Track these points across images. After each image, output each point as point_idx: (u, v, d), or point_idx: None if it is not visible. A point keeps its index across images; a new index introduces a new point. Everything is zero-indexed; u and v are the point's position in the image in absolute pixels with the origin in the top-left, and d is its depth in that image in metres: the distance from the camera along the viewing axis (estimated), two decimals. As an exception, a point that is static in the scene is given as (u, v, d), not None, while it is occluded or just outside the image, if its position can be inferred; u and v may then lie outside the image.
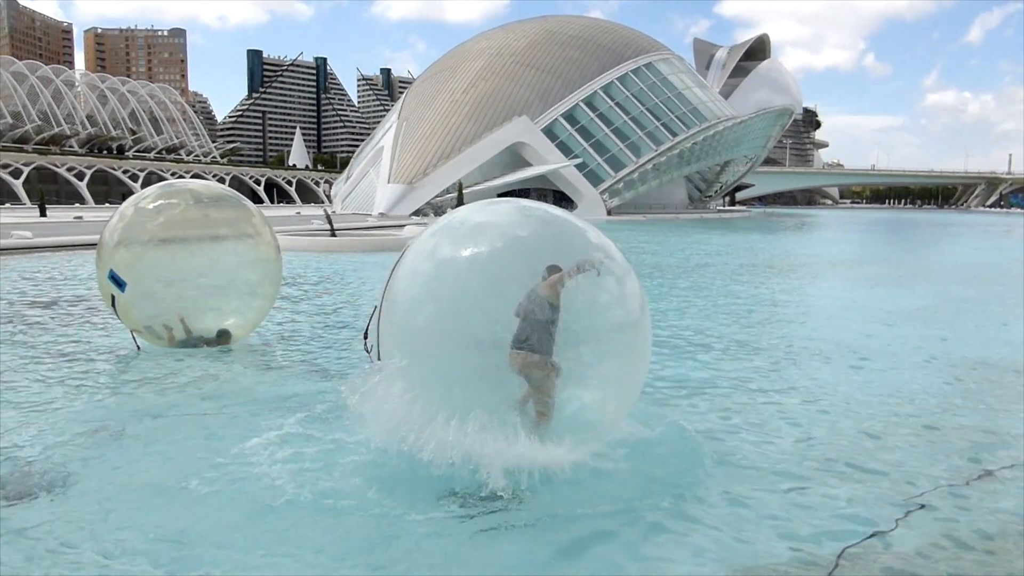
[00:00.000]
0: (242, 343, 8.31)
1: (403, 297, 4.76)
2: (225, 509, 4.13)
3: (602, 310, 4.68)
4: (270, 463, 4.65)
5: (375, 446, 4.63)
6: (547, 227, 4.89)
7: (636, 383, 5.07)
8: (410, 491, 4.22)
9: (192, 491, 4.34)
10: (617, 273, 4.75)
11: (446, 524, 3.94)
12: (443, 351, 4.50)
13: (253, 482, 4.38)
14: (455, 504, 4.13)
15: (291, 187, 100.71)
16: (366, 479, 4.36)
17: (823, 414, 6.23)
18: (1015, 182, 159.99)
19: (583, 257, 4.45)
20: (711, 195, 78.47)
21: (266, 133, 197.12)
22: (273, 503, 4.09)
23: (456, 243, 4.69)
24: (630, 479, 4.44)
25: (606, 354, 4.67)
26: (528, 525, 3.96)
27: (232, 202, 8.08)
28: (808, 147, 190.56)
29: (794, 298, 14.52)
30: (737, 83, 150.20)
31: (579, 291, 4.47)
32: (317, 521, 3.96)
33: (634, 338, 4.84)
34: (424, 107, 59.49)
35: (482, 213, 4.97)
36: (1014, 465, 5.03)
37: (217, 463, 4.74)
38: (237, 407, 6.08)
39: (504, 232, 4.69)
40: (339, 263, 19.14)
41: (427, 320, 4.56)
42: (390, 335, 4.79)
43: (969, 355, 8.63)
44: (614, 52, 61.67)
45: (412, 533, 3.85)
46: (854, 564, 3.68)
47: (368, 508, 4.07)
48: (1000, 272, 20.95)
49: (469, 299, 4.49)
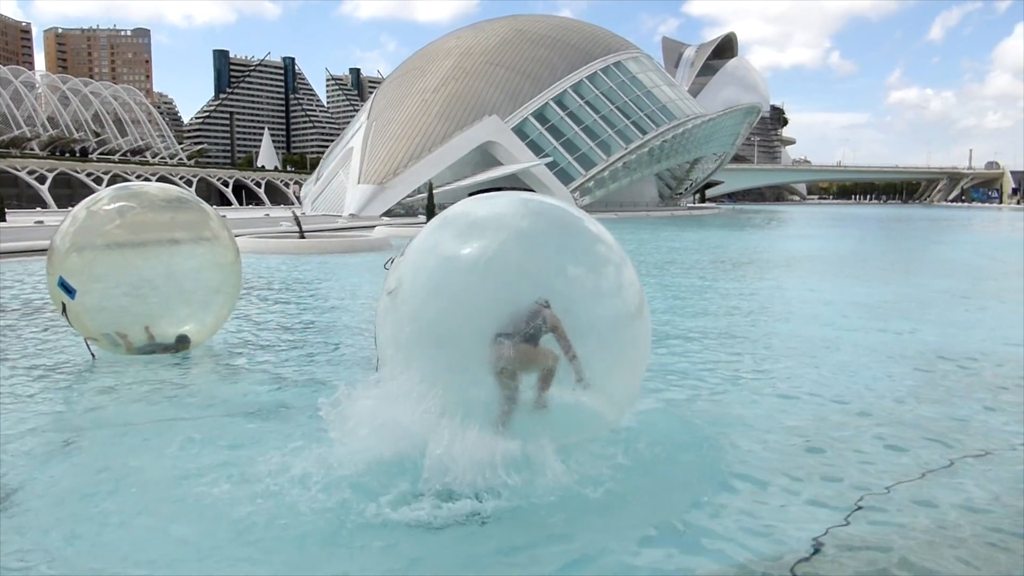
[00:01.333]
0: (203, 349, 8.15)
1: (407, 293, 4.69)
2: (182, 521, 4.01)
3: (602, 301, 4.64)
4: (231, 472, 4.53)
5: (347, 450, 4.52)
6: (548, 217, 4.89)
7: (638, 374, 5.03)
8: (383, 498, 4.09)
9: (146, 504, 4.20)
10: (615, 262, 4.72)
11: (420, 531, 3.85)
12: (450, 346, 4.45)
13: (213, 492, 4.24)
14: (432, 510, 4.00)
15: (260, 188, 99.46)
16: (336, 486, 4.22)
17: (786, 405, 6.26)
18: (976, 177, 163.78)
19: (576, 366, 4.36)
20: (681, 192, 79.07)
21: (234, 134, 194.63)
22: (234, 513, 3.97)
23: (460, 237, 4.64)
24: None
25: (606, 346, 4.60)
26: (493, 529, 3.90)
27: (189, 205, 7.90)
28: (776, 144, 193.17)
29: (760, 292, 14.63)
30: (705, 81, 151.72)
31: (578, 282, 4.52)
32: (280, 531, 3.84)
33: (634, 329, 4.79)
34: (394, 107, 59.10)
35: (484, 206, 4.97)
36: (977, 455, 5.08)
37: (174, 473, 4.61)
38: (198, 414, 5.94)
39: (507, 224, 4.65)
40: (308, 265, 18.92)
41: (434, 315, 4.49)
42: (394, 331, 4.73)
43: (931, 347, 8.75)
44: (583, 51, 61.82)
45: (383, 541, 3.76)
46: (822, 557, 3.68)
47: (337, 516, 3.94)
48: (959, 266, 21.37)
49: (475, 292, 4.43)
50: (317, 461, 4.42)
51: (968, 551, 3.76)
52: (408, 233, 32.26)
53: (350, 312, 11.98)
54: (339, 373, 7.42)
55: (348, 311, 12.11)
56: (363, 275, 17.68)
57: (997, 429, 5.68)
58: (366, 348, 8.58)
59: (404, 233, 32.37)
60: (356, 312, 11.92)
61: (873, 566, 3.61)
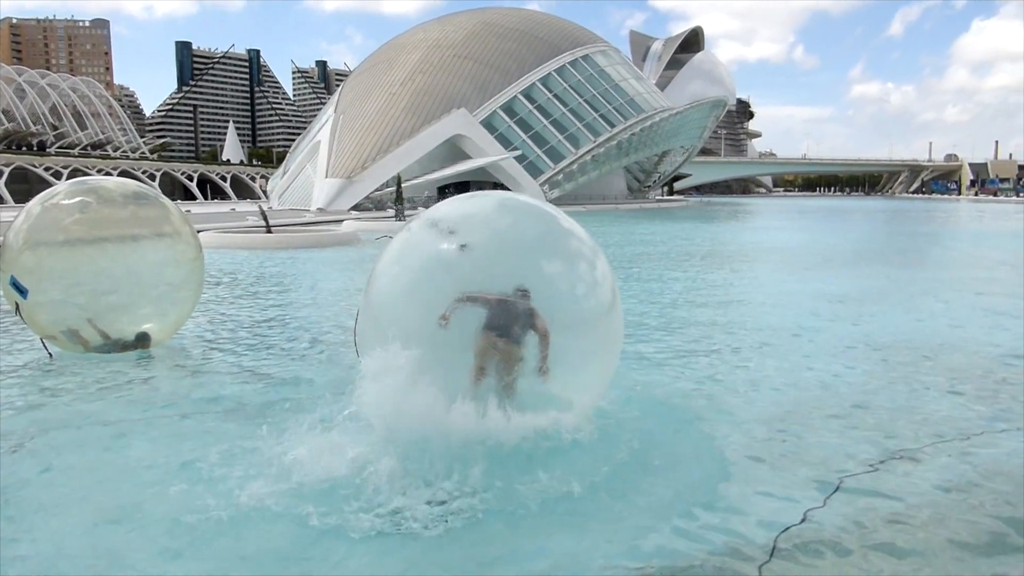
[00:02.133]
0: (166, 346, 7.99)
1: (386, 294, 4.76)
2: (144, 525, 3.92)
3: (576, 296, 4.75)
4: (194, 473, 4.44)
5: (311, 451, 4.46)
6: (526, 216, 4.99)
7: (611, 364, 5.18)
8: (350, 501, 4.02)
9: (106, 506, 4.11)
10: (588, 257, 4.84)
11: (392, 536, 3.81)
12: (429, 345, 4.45)
13: (176, 494, 4.16)
14: (405, 512, 3.94)
15: (225, 183, 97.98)
16: (303, 488, 4.15)
17: (750, 395, 6.33)
18: (935, 169, 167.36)
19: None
20: (650, 185, 79.58)
21: (198, 128, 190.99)
22: (197, 516, 3.89)
23: (439, 237, 4.71)
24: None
25: (582, 339, 4.71)
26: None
27: (148, 200, 7.70)
28: (742, 137, 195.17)
29: (727, 283, 14.78)
30: (673, 75, 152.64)
31: (554, 277, 4.64)
32: (246, 534, 3.77)
33: (608, 322, 4.92)
34: (361, 100, 58.52)
35: (463, 206, 5.06)
36: (934, 443, 5.19)
37: (136, 475, 4.51)
38: (161, 414, 5.82)
39: (487, 224, 4.77)
40: (275, 260, 18.67)
41: (415, 315, 4.55)
42: (374, 332, 4.75)
43: (893, 337, 8.91)
44: (551, 44, 61.78)
45: (355, 545, 3.71)
46: (790, 546, 3.72)
47: (308, 519, 3.86)
48: (920, 256, 21.84)
49: (455, 293, 4.45)
50: (282, 462, 4.36)
51: (936, 535, 3.84)
52: (377, 227, 32.11)
53: (317, 308, 11.85)
54: (306, 370, 7.34)
55: (315, 307, 11.97)
56: (331, 270, 17.50)
57: (962, 417, 5.80)
58: (334, 344, 8.50)
59: (373, 227, 32.13)
60: (324, 308, 11.80)
61: (842, 554, 3.67)
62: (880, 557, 3.62)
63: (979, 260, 20.68)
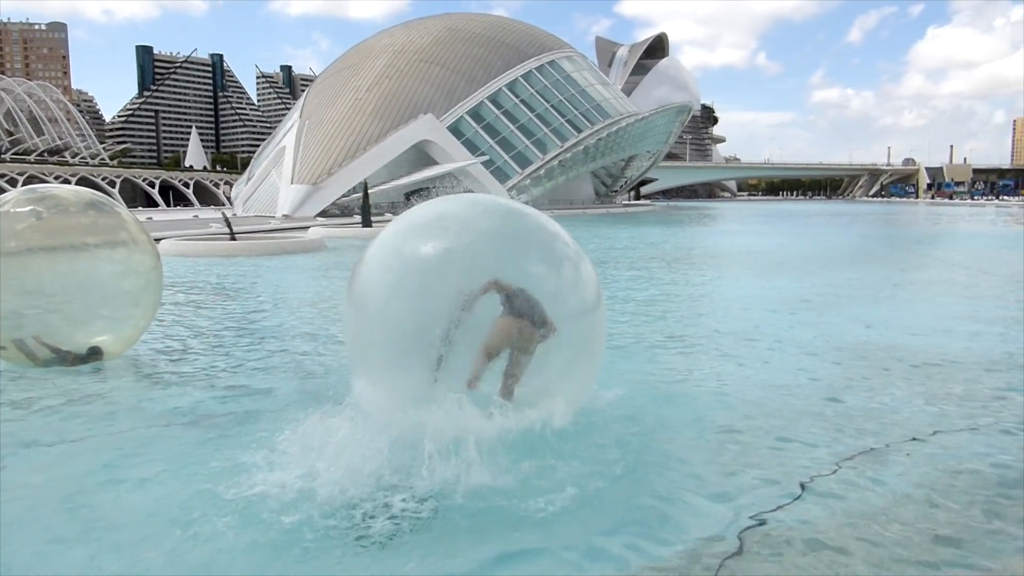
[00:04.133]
0: (124, 358, 7.77)
1: (371, 293, 4.86)
2: (92, 539, 3.79)
3: (562, 297, 4.86)
4: (150, 488, 4.33)
5: (277, 464, 4.37)
6: (506, 217, 5.10)
7: (597, 360, 5.34)
8: (316, 514, 3.95)
9: (53, 524, 3.96)
10: (573, 259, 4.97)
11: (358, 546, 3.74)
12: (414, 343, 4.57)
13: (130, 507, 4.04)
14: (374, 524, 3.90)
15: (188, 189, 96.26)
16: (266, 499, 4.07)
17: (717, 397, 6.36)
18: (894, 173, 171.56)
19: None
20: (617, 190, 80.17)
21: (159, 133, 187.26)
22: (154, 531, 3.78)
23: (422, 237, 4.82)
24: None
25: (566, 339, 4.80)
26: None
27: (103, 208, 7.48)
28: (707, 142, 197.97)
29: (691, 288, 14.91)
30: (638, 80, 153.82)
31: (541, 279, 4.76)
32: (205, 549, 3.67)
33: (592, 322, 5.07)
34: (327, 106, 58.04)
35: (442, 207, 5.14)
36: (897, 442, 5.26)
37: (87, 491, 4.36)
38: (119, 428, 5.65)
39: (467, 225, 4.84)
40: (239, 268, 18.37)
41: (398, 313, 4.65)
42: (360, 331, 4.89)
43: (853, 339, 9.05)
44: (518, 50, 61.95)
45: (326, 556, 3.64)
46: (755, 544, 3.73)
47: (271, 532, 3.78)
48: (880, 259, 22.28)
49: (439, 292, 4.58)
50: (246, 474, 4.27)
51: (896, 533, 3.88)
52: (344, 234, 31.82)
53: (282, 316, 11.65)
54: (270, 380, 7.20)
55: (280, 315, 11.77)
56: (297, 277, 17.27)
57: (922, 416, 5.89)
58: (299, 354, 8.36)
59: (340, 234, 31.86)
60: (288, 316, 11.61)
61: (809, 549, 3.68)
62: (839, 556, 3.65)
63: (937, 262, 21.16)
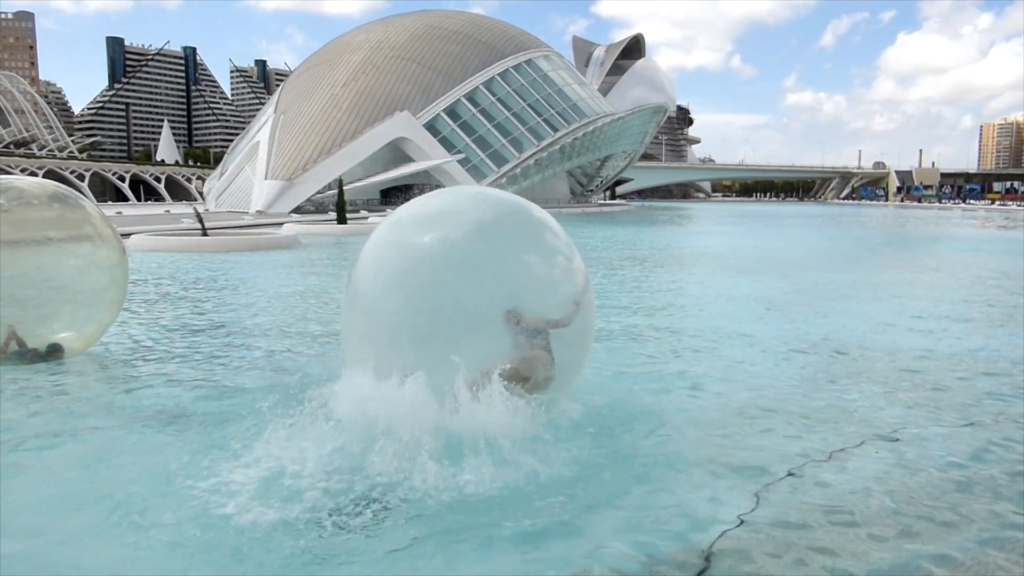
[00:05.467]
0: (88, 355, 7.61)
1: (369, 287, 4.92)
2: (51, 535, 3.70)
3: (553, 285, 5.00)
4: (117, 484, 4.25)
5: (251, 458, 4.30)
6: (503, 209, 5.16)
7: (588, 343, 5.56)
8: (290, 509, 3.91)
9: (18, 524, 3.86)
10: (564, 252, 5.11)
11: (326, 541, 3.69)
12: (413, 337, 4.66)
13: (96, 500, 3.95)
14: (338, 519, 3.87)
15: (160, 184, 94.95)
16: (240, 496, 4.02)
17: (691, 397, 6.39)
18: (865, 176, 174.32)
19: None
20: (592, 189, 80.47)
21: (130, 126, 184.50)
22: (113, 530, 3.69)
23: (421, 231, 4.91)
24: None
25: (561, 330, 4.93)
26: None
27: (67, 201, 7.31)
28: (682, 143, 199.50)
29: (667, 287, 15.00)
30: (615, 81, 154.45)
31: (533, 269, 4.93)
32: (175, 549, 3.61)
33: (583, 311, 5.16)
34: (302, 101, 57.51)
35: (440, 201, 5.25)
36: (864, 442, 5.33)
37: (54, 488, 4.26)
38: (85, 425, 5.53)
39: (466, 218, 4.93)
40: (210, 264, 18.12)
41: (396, 307, 4.72)
42: (357, 325, 4.98)
43: (827, 339, 9.15)
44: (495, 48, 61.88)
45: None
46: (730, 544, 3.74)
47: (248, 529, 3.72)
48: (850, 261, 22.60)
49: (439, 284, 4.67)
50: (219, 473, 4.21)
51: (868, 532, 3.92)
52: (319, 231, 31.53)
53: (254, 313, 11.50)
54: (240, 378, 7.09)
55: (252, 312, 11.62)
56: (269, 274, 17.08)
57: (887, 416, 5.97)
58: (270, 351, 8.26)
59: (314, 231, 31.55)
60: (260, 313, 11.47)
61: (784, 548, 3.71)
62: (813, 553, 3.68)
63: (905, 264, 21.52)
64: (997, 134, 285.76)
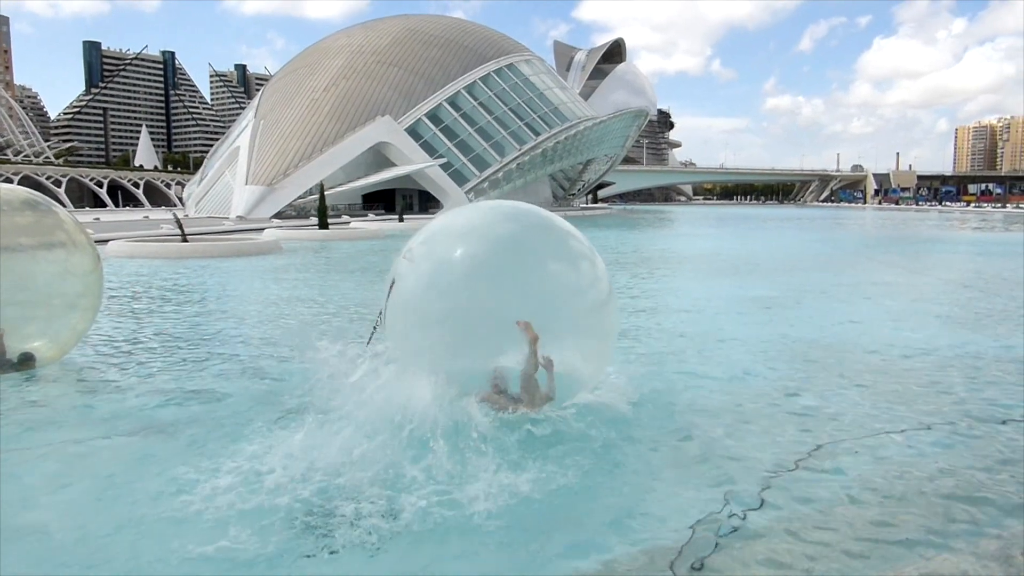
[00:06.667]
0: (64, 363, 7.45)
1: (411, 294, 5.31)
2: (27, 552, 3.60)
3: (579, 292, 5.46)
4: (92, 498, 4.15)
5: (231, 467, 4.24)
6: (525, 221, 5.58)
7: (611, 345, 6.01)
8: (267, 524, 3.85)
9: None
10: (589, 257, 5.52)
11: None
12: (451, 338, 5.18)
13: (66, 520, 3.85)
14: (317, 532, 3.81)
15: (138, 189, 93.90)
16: (218, 509, 3.97)
17: (669, 396, 6.38)
18: (843, 179, 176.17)
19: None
20: (574, 193, 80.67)
21: (108, 131, 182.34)
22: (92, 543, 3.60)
23: (453, 244, 5.35)
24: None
25: (588, 329, 5.50)
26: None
27: (39, 207, 7.16)
28: (663, 147, 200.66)
29: (653, 289, 15.01)
30: (596, 85, 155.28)
31: (559, 275, 5.38)
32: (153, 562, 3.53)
33: (605, 314, 5.64)
34: (283, 105, 57.19)
35: (466, 217, 5.74)
36: (846, 440, 5.34)
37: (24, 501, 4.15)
38: (61, 437, 5.41)
39: (489, 232, 5.40)
40: (190, 270, 17.90)
41: (438, 312, 5.16)
42: (401, 328, 5.42)
43: (808, 340, 9.19)
44: (477, 52, 61.92)
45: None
46: (704, 547, 3.73)
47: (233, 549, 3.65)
48: (828, 262, 22.79)
49: (472, 291, 5.12)
50: (203, 485, 4.14)
51: (844, 532, 3.91)
52: (301, 236, 31.29)
53: (234, 320, 11.36)
54: (221, 386, 6.98)
55: (232, 319, 11.48)
56: (251, 280, 16.90)
57: (867, 416, 5.99)
58: (252, 358, 8.15)
59: (296, 236, 31.32)
60: (241, 319, 11.33)
61: (764, 551, 3.69)
62: (797, 553, 3.67)
63: (881, 266, 21.72)
64: (972, 137, 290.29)
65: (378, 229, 36.86)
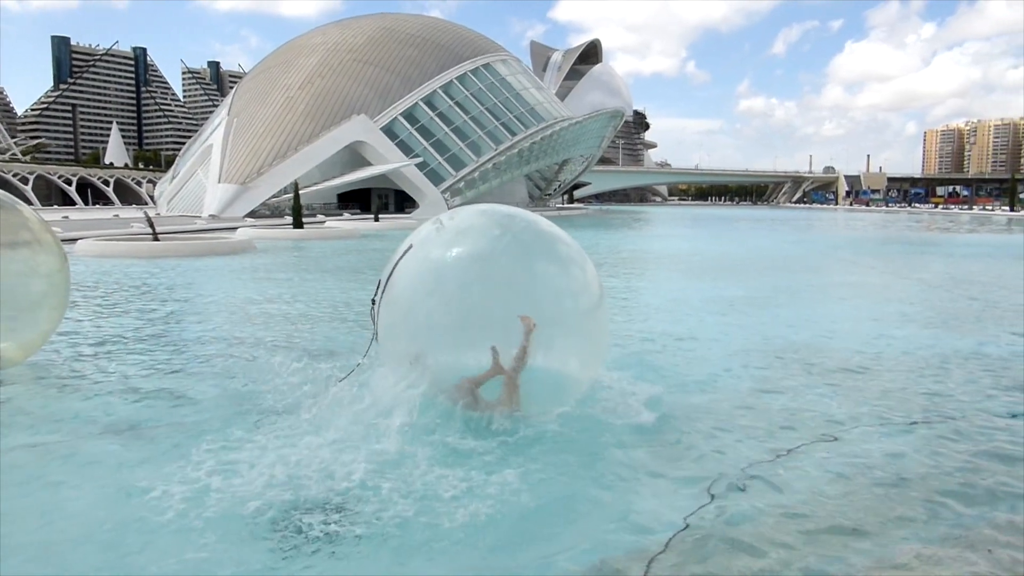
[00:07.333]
0: (29, 366, 7.27)
1: (406, 292, 5.39)
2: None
3: (570, 296, 5.59)
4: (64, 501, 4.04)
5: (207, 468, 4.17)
6: (515, 225, 5.68)
7: (604, 347, 6.14)
8: (240, 524, 3.79)
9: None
10: (578, 261, 5.69)
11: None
12: (447, 335, 5.30)
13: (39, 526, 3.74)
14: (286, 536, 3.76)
15: (109, 187, 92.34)
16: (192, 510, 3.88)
17: (650, 396, 6.38)
18: (816, 181, 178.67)
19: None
20: (551, 193, 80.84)
21: (77, 128, 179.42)
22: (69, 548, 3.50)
23: (448, 245, 5.47)
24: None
25: (574, 334, 5.58)
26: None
27: (3, 206, 6.90)
28: (639, 147, 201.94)
29: (625, 290, 15.06)
30: (572, 85, 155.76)
31: (549, 279, 5.48)
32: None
33: (597, 317, 5.74)
34: (257, 103, 56.55)
35: (460, 220, 5.76)
36: (817, 440, 5.38)
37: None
38: (31, 440, 5.26)
39: (484, 233, 5.53)
40: (161, 269, 17.61)
41: (432, 309, 5.26)
42: (394, 324, 5.49)
43: (782, 340, 9.27)
44: (453, 52, 61.77)
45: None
46: (681, 545, 3.73)
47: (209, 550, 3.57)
48: (801, 262, 23.07)
49: (466, 290, 5.26)
50: (178, 485, 4.04)
51: (817, 529, 3.93)
52: (275, 235, 30.98)
53: (206, 320, 11.18)
54: (192, 388, 6.84)
55: (204, 318, 11.30)
56: (223, 280, 16.67)
57: (840, 414, 6.05)
58: (224, 358, 8.02)
59: (270, 235, 31.00)
60: (212, 319, 11.16)
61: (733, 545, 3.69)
62: (776, 548, 3.68)
63: (854, 266, 22.03)
64: (940, 140, 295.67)
65: (353, 228, 36.65)
